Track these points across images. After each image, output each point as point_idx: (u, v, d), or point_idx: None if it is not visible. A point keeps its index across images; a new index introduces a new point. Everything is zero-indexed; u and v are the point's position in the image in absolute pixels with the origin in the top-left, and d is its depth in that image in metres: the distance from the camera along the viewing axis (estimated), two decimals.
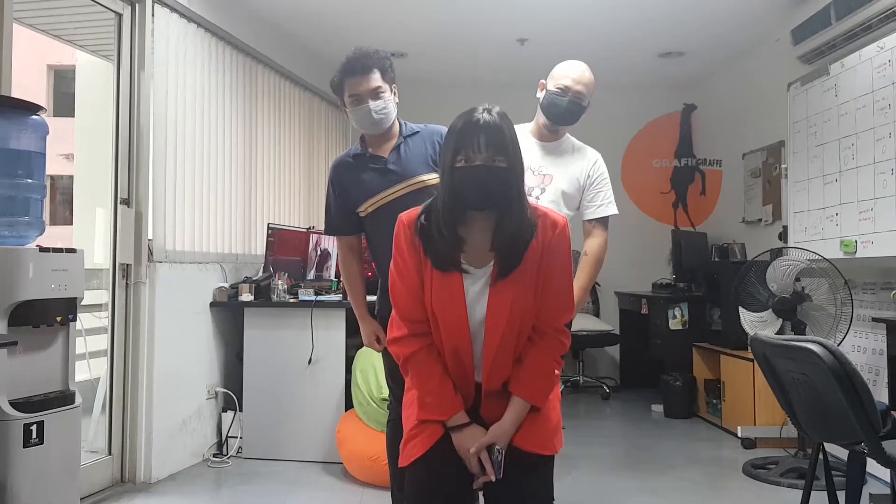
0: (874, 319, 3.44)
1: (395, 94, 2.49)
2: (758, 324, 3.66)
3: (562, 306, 1.74)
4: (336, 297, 3.98)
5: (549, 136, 2.71)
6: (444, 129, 1.81)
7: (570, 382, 5.99)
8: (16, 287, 2.23)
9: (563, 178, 2.65)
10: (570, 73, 2.64)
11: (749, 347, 3.08)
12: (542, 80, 2.70)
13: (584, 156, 2.72)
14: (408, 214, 1.76)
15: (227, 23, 4.16)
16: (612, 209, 2.68)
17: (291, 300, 3.99)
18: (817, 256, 3.55)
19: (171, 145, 3.66)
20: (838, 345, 3.02)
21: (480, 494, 1.71)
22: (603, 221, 2.68)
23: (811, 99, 4.04)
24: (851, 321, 3.46)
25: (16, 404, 2.20)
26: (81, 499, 2.80)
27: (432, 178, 2.40)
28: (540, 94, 2.69)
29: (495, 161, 1.64)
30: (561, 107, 2.62)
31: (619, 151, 6.26)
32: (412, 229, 1.73)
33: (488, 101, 1.86)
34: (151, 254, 3.50)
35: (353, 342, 3.68)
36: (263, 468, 3.71)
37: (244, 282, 4.09)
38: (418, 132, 2.56)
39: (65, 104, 13.33)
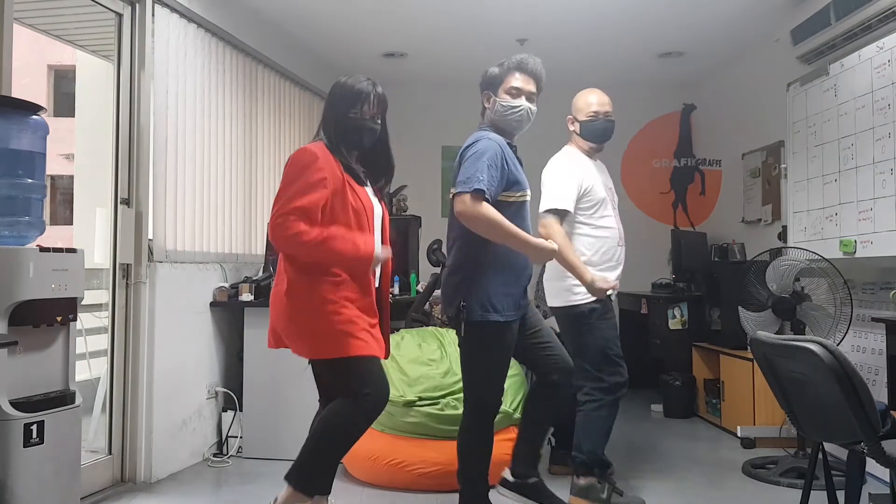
0: (873, 319, 3.44)
1: None
2: (757, 324, 3.67)
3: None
4: None
5: (595, 156, 3.27)
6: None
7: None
8: (16, 287, 2.23)
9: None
10: (592, 100, 3.19)
11: (749, 347, 3.09)
12: (569, 115, 3.23)
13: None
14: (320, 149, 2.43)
15: (227, 23, 4.16)
16: None
17: None
18: (817, 256, 3.56)
19: (171, 145, 3.66)
20: (838, 345, 3.02)
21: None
22: None
23: (811, 99, 4.04)
24: (851, 321, 3.46)
25: (16, 404, 2.21)
26: (81, 499, 2.80)
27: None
28: (573, 127, 3.23)
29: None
30: (600, 128, 3.18)
31: (619, 151, 6.26)
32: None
33: None
34: (151, 254, 3.50)
35: None
36: (263, 468, 3.71)
37: (244, 282, 4.09)
38: None
39: (65, 104, 13.34)
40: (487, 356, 2.67)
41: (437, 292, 5.04)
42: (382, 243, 2.60)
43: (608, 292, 3.03)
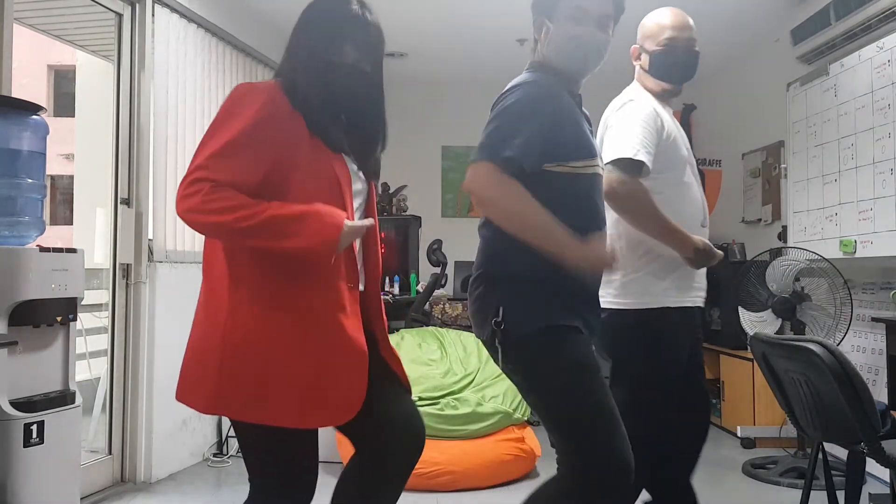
0: (873, 319, 3.44)
1: None
2: (757, 324, 3.66)
3: None
4: None
5: (669, 102, 2.35)
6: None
7: None
8: (16, 287, 2.23)
9: None
10: (666, 21, 2.30)
11: (749, 347, 3.09)
12: (634, 46, 2.36)
13: None
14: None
15: (228, 23, 4.16)
16: None
17: None
18: (817, 256, 3.56)
19: (171, 145, 3.66)
20: (838, 345, 3.02)
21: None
22: None
23: (811, 99, 4.04)
24: (851, 321, 3.46)
25: (16, 404, 2.21)
26: (81, 499, 2.80)
27: None
28: (640, 61, 2.34)
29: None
30: (679, 62, 2.29)
31: None
32: None
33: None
34: (151, 254, 3.50)
35: None
36: None
37: None
38: None
39: (65, 104, 13.34)
40: (566, 382, 1.71)
41: (438, 292, 5.05)
42: (369, 239, 1.77)
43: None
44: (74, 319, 2.46)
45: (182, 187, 1.51)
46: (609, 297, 2.13)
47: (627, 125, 2.12)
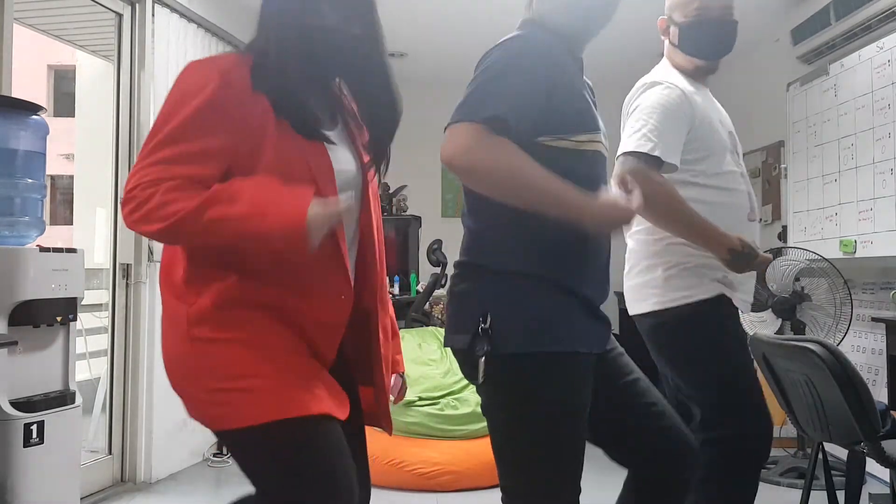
0: (873, 319, 3.44)
1: None
2: (757, 324, 3.66)
3: None
4: None
5: (704, 80, 2.11)
6: None
7: None
8: (16, 287, 2.23)
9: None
10: None
11: (748, 347, 3.09)
12: (661, 18, 2.11)
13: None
14: None
15: (228, 23, 4.15)
16: None
17: None
18: (817, 256, 3.55)
19: None
20: (838, 345, 3.02)
21: None
22: None
23: (810, 99, 4.04)
24: (851, 321, 3.46)
25: (16, 404, 2.21)
26: (81, 499, 2.80)
27: None
28: (669, 34, 2.08)
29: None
30: (713, 34, 2.04)
31: None
32: None
33: None
34: (151, 253, 3.50)
35: None
36: None
37: None
38: None
39: (65, 104, 13.34)
40: (540, 426, 1.43)
41: (438, 292, 5.05)
42: (364, 244, 1.48)
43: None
44: (74, 319, 2.46)
45: (125, 196, 1.27)
46: (650, 298, 1.94)
47: (647, 114, 1.88)
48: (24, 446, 2.19)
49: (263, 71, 1.33)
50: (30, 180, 2.40)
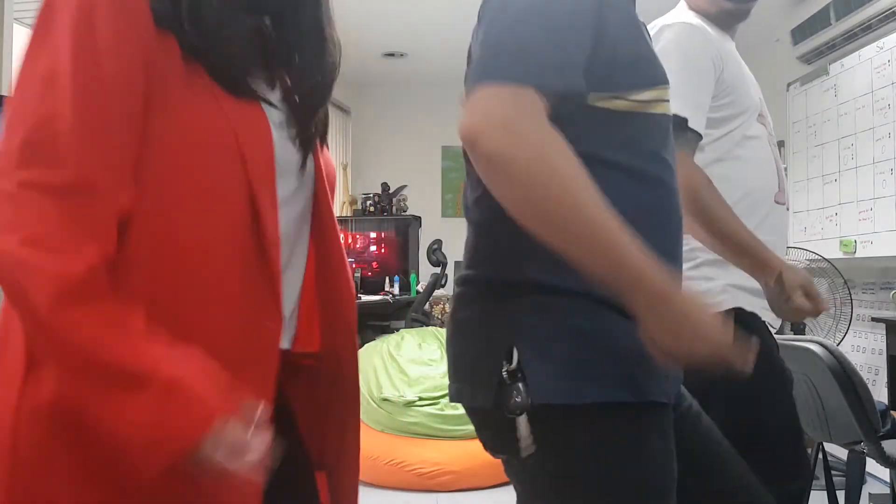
0: (873, 319, 3.44)
1: None
2: None
3: None
4: None
5: (733, 28, 1.74)
6: None
7: None
8: None
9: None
10: None
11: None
12: None
13: None
14: None
15: None
16: None
17: None
18: (817, 256, 3.56)
19: None
20: (838, 345, 3.02)
21: None
22: None
23: (810, 99, 4.04)
24: (851, 321, 3.46)
25: None
26: None
27: None
28: None
29: None
30: None
31: None
32: None
33: None
34: None
35: None
36: None
37: None
38: None
39: None
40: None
41: (438, 292, 5.05)
42: (329, 242, 0.98)
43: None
44: None
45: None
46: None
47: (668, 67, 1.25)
48: None
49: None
50: None
